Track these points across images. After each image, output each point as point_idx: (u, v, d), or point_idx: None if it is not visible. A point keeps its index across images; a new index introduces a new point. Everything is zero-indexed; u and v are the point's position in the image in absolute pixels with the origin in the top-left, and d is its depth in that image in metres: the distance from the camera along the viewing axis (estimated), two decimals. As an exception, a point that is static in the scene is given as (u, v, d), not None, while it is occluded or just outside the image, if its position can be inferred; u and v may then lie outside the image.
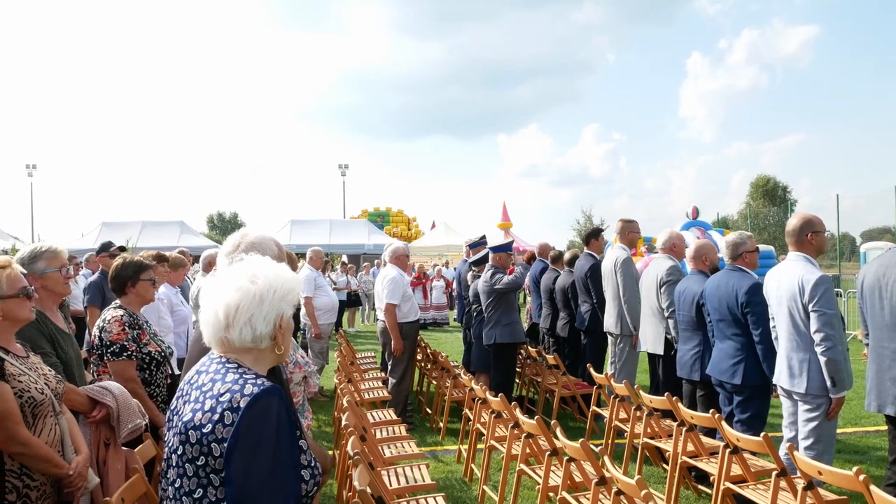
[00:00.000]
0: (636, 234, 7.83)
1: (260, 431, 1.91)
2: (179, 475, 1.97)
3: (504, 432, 5.50)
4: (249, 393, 1.93)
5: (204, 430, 1.92)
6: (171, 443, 2.02)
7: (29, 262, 3.68)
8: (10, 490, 2.89)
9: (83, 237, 26.12)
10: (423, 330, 15.87)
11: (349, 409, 5.23)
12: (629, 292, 7.22)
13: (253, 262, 2.14)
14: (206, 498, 1.93)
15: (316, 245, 11.34)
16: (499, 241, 9.50)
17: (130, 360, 4.15)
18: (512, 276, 7.84)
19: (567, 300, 8.70)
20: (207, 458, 1.92)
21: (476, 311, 8.52)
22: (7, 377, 2.90)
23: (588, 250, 8.31)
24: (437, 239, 29.68)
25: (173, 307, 6.40)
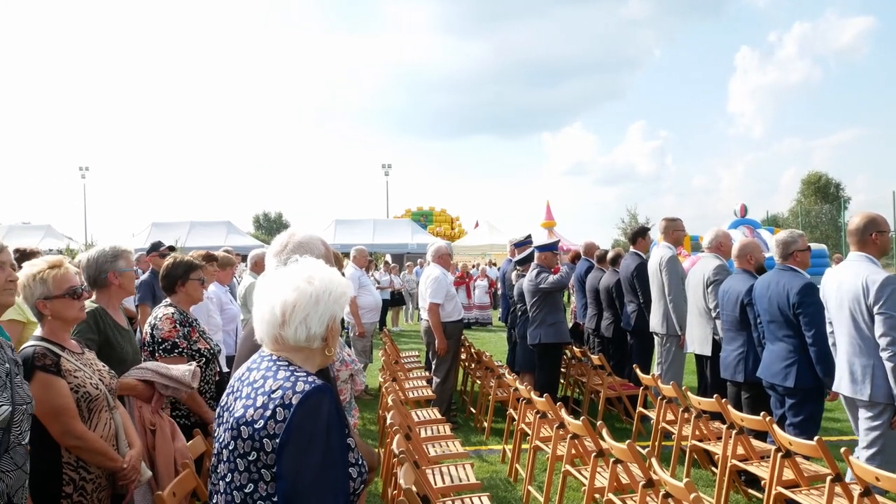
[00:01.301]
0: (681, 232, 7.71)
1: (311, 428, 1.94)
2: (230, 470, 2.00)
3: (549, 433, 5.47)
4: (301, 390, 1.96)
5: (256, 426, 1.95)
6: (222, 438, 2.05)
7: (112, 259, 3.79)
8: (67, 482, 2.97)
9: (134, 237, 26.71)
10: (467, 329, 15.85)
11: (394, 407, 5.25)
12: (675, 292, 7.12)
13: (308, 263, 2.18)
14: (256, 493, 1.96)
15: (360, 244, 11.41)
16: (544, 241, 9.45)
17: (181, 357, 4.23)
18: (557, 276, 7.79)
19: (612, 300, 8.61)
20: (259, 454, 1.95)
21: (521, 311, 8.48)
22: (63, 373, 2.98)
23: (634, 249, 8.22)
24: (481, 238, 29.65)
25: (222, 306, 6.49)
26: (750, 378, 5.50)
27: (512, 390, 6.73)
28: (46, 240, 27.30)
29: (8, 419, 2.55)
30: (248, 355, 2.41)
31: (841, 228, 26.94)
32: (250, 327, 2.72)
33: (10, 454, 2.58)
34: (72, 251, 20.92)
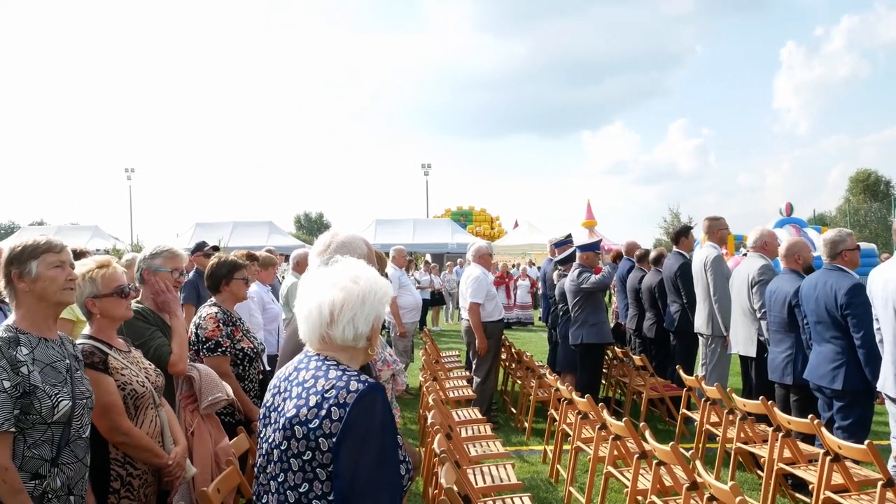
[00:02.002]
0: (725, 231, 7.61)
1: (367, 427, 1.96)
2: (283, 470, 2.02)
3: (591, 434, 5.43)
4: (355, 389, 1.99)
5: (311, 426, 1.97)
6: (272, 439, 2.07)
7: (149, 257, 3.87)
8: (114, 478, 3.03)
9: (178, 237, 27.10)
10: (508, 329, 15.82)
11: (435, 407, 5.26)
12: (720, 292, 7.01)
13: (351, 263, 2.20)
14: (311, 492, 1.98)
15: (400, 244, 11.45)
16: (584, 240, 9.39)
17: (225, 356, 4.28)
18: (599, 276, 7.73)
19: (654, 300, 8.52)
20: (314, 453, 1.97)
21: (562, 311, 8.44)
22: (111, 371, 3.05)
23: (677, 249, 8.11)
24: (521, 238, 29.53)
25: (264, 305, 6.56)
26: (798, 380, 5.40)
27: (553, 390, 6.70)
28: (94, 240, 27.93)
29: (68, 413, 2.62)
30: (292, 353, 2.43)
31: (891, 227, 26.29)
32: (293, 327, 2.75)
33: (70, 447, 2.66)
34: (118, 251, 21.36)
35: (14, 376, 2.49)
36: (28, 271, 2.66)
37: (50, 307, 2.72)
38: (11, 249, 2.72)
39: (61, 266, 2.71)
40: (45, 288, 2.68)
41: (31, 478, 2.54)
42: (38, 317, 2.70)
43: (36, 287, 2.67)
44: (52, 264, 2.69)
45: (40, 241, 2.74)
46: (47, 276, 2.67)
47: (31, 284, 2.67)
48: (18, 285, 2.68)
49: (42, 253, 2.69)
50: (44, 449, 2.58)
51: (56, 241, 2.77)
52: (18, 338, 2.60)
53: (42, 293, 2.68)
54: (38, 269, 2.67)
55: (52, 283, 2.68)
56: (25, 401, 2.51)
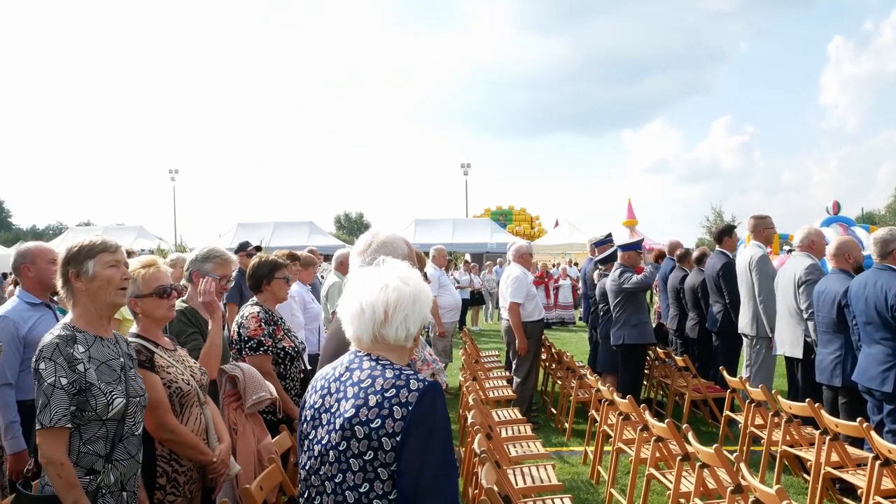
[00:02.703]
0: (771, 230, 7.46)
1: (430, 425, 1.98)
2: (342, 470, 2.03)
3: (632, 435, 5.37)
4: (416, 388, 2.01)
5: (372, 426, 1.98)
6: (327, 439, 2.07)
7: (201, 259, 3.92)
8: (160, 474, 3.09)
9: (220, 237, 27.46)
10: (548, 329, 15.74)
11: (475, 407, 5.25)
12: (765, 292, 6.88)
13: (397, 264, 2.22)
14: (372, 492, 1.99)
15: (439, 244, 11.47)
16: (625, 240, 9.30)
17: (267, 355, 4.33)
18: (641, 276, 7.65)
19: (697, 300, 8.40)
20: (377, 453, 1.98)
21: (603, 311, 8.37)
22: (157, 369, 3.10)
23: (720, 248, 7.98)
24: (560, 237, 29.36)
25: (305, 304, 6.62)
26: (847, 382, 5.28)
27: (594, 391, 6.65)
28: (139, 240, 28.45)
29: (122, 410, 2.67)
30: (334, 354, 2.45)
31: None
32: (336, 326, 2.77)
33: (123, 444, 2.71)
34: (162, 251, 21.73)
35: (71, 373, 2.56)
36: (85, 271, 2.72)
37: (104, 307, 2.77)
38: (69, 249, 2.78)
39: (116, 266, 2.76)
40: (101, 287, 2.73)
41: (86, 473, 2.61)
42: (93, 316, 2.76)
43: (92, 286, 2.73)
44: (107, 264, 2.74)
45: (96, 241, 2.79)
46: (103, 276, 2.73)
47: (88, 284, 2.73)
48: (76, 284, 2.74)
49: (98, 252, 2.75)
50: (98, 445, 2.64)
51: (111, 242, 2.82)
52: (75, 336, 2.66)
53: (97, 292, 2.73)
54: (94, 268, 2.72)
55: (109, 282, 2.74)
56: (81, 398, 2.58)
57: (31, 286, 4.04)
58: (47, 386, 2.53)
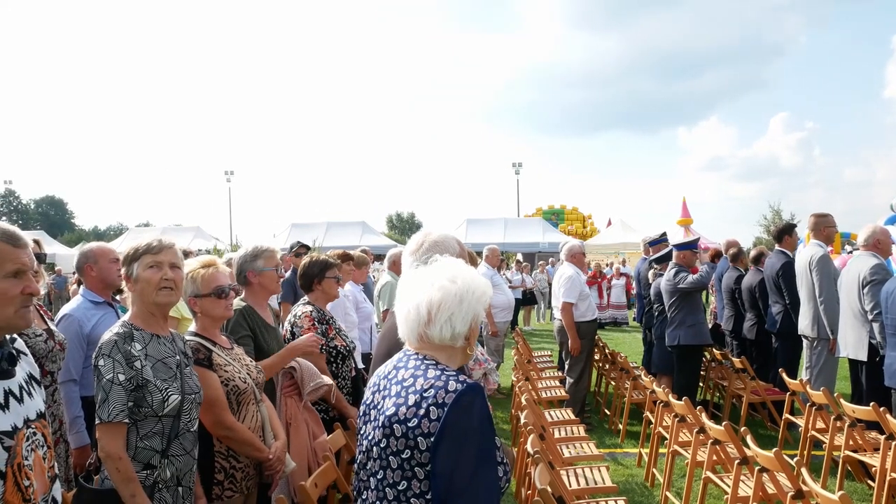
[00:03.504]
0: (832, 228, 7.25)
1: (466, 427, 1.96)
2: (382, 467, 2.04)
3: (688, 437, 5.28)
4: (454, 389, 1.99)
5: (409, 425, 1.98)
6: (371, 435, 2.09)
7: (251, 259, 3.98)
8: (218, 470, 3.14)
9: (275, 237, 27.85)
10: (601, 329, 15.58)
11: (528, 407, 5.22)
12: (826, 292, 6.68)
13: (449, 262, 2.20)
14: (410, 490, 1.99)
15: (491, 243, 11.45)
16: (680, 239, 9.15)
17: (320, 354, 4.37)
18: (697, 276, 7.52)
19: (754, 300, 8.21)
20: (413, 452, 1.98)
21: (657, 311, 8.25)
22: (214, 367, 3.16)
23: (780, 247, 7.79)
24: (613, 237, 29.07)
25: (357, 304, 6.67)
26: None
27: (648, 392, 6.55)
28: (196, 240, 29.07)
29: (178, 407, 2.73)
30: (385, 352, 2.46)
31: None
32: (387, 325, 2.78)
33: (179, 440, 2.77)
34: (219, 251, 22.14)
35: (128, 370, 2.63)
36: (131, 273, 2.81)
37: (151, 306, 2.83)
38: (124, 253, 2.88)
39: (157, 267, 2.81)
40: (143, 289, 2.80)
41: (143, 468, 2.67)
42: (146, 314, 2.83)
43: (137, 288, 2.81)
44: (147, 265, 2.80)
45: (142, 244, 2.86)
46: (143, 278, 2.80)
47: (135, 286, 2.81)
48: (128, 286, 2.84)
49: (141, 255, 2.82)
50: (155, 441, 2.70)
51: (156, 243, 2.87)
52: (133, 333, 2.74)
53: (141, 294, 2.81)
54: (137, 270, 2.80)
55: (148, 284, 2.79)
56: (138, 394, 2.65)
57: (94, 285, 4.15)
58: (106, 382, 2.60)
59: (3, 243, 1.89)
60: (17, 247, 1.91)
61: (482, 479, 1.97)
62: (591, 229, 39.78)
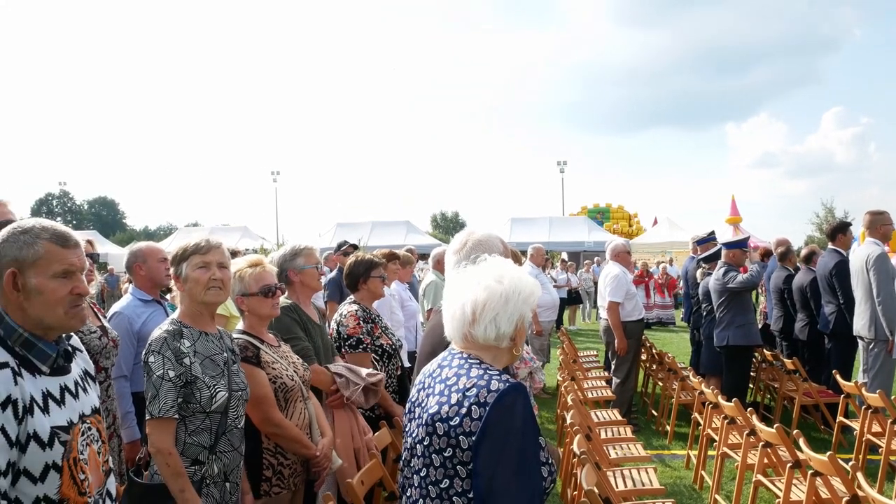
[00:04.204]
0: (889, 226, 7.03)
1: (507, 427, 1.95)
2: (426, 465, 2.04)
3: (738, 440, 5.18)
4: (496, 389, 1.97)
5: (451, 423, 1.98)
6: (415, 433, 2.10)
7: (290, 258, 4.01)
8: (266, 466, 3.18)
9: (320, 237, 28.12)
10: (647, 329, 15.39)
11: (574, 407, 5.18)
12: (884, 292, 6.49)
13: (497, 262, 2.19)
14: (452, 488, 1.99)
15: (536, 243, 11.39)
16: (729, 237, 8.99)
17: (366, 353, 4.39)
18: (748, 275, 7.37)
19: (805, 300, 8.02)
20: (455, 450, 1.98)
21: (706, 311, 8.11)
22: (263, 364, 3.19)
23: (833, 246, 7.59)
24: (660, 235, 28.75)
25: (403, 302, 6.70)
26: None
27: (697, 393, 6.45)
28: (243, 240, 29.49)
29: (225, 404, 2.77)
30: (430, 350, 2.46)
31: None
32: (432, 324, 2.78)
33: (227, 436, 2.81)
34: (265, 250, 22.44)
35: (178, 366, 2.68)
36: (180, 272, 2.86)
37: (200, 305, 2.88)
38: (173, 253, 2.93)
39: (205, 267, 2.85)
40: (192, 288, 2.85)
41: (192, 463, 2.71)
42: (195, 312, 2.88)
43: (186, 287, 2.86)
44: (196, 265, 2.85)
45: (190, 244, 2.91)
46: (192, 278, 2.85)
47: (183, 285, 2.86)
48: (177, 285, 2.90)
49: (190, 255, 2.87)
50: (203, 437, 2.74)
51: (204, 243, 2.91)
52: (182, 331, 2.79)
53: (190, 293, 2.86)
54: (186, 270, 2.85)
55: (196, 283, 2.84)
56: (187, 390, 2.70)
57: (143, 284, 4.23)
58: (156, 378, 2.65)
59: (52, 244, 1.92)
60: (66, 247, 1.94)
61: (524, 479, 1.96)
62: (637, 228, 39.35)
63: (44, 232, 1.93)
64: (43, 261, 1.90)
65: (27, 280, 1.88)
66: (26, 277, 1.88)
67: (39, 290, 1.89)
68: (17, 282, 1.88)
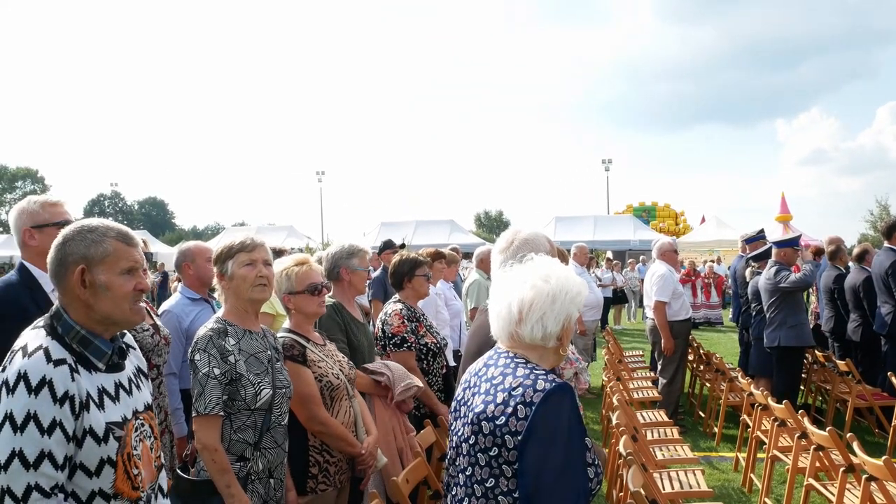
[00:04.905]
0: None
1: (553, 427, 1.94)
2: (471, 464, 2.05)
3: (789, 442, 5.09)
4: (542, 388, 1.97)
5: (497, 422, 1.98)
6: (461, 432, 2.11)
7: (347, 256, 4.05)
8: (312, 464, 3.22)
9: (364, 236, 28.27)
10: (695, 329, 15.16)
11: (619, 407, 5.13)
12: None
13: (544, 261, 2.18)
14: (497, 487, 1.99)
15: (580, 241, 11.31)
16: (779, 236, 8.82)
17: (410, 351, 4.41)
18: (801, 274, 7.22)
19: (858, 300, 7.81)
20: (500, 450, 1.98)
21: (755, 311, 7.96)
22: (309, 363, 3.23)
23: (889, 244, 7.38)
24: (707, 234, 28.23)
25: (447, 301, 6.70)
26: None
27: (746, 395, 6.34)
28: (289, 239, 29.77)
29: (269, 401, 2.81)
30: (475, 349, 2.46)
31: None
32: (478, 323, 2.78)
33: (271, 433, 2.86)
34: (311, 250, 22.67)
35: (223, 364, 2.72)
36: (225, 270, 2.90)
37: (246, 302, 2.92)
38: (216, 252, 2.98)
39: (252, 265, 2.90)
40: (238, 286, 2.90)
41: (237, 460, 2.76)
42: (240, 311, 2.93)
43: (232, 285, 2.90)
44: (243, 263, 2.90)
45: (235, 242, 2.95)
46: (239, 275, 2.89)
47: (229, 283, 2.91)
48: (221, 283, 2.94)
49: (236, 253, 2.91)
50: (248, 433, 2.79)
51: (249, 241, 2.96)
52: (227, 329, 2.83)
53: (236, 290, 2.90)
54: (232, 268, 2.89)
55: (243, 281, 2.89)
56: (232, 387, 2.74)
57: (192, 282, 4.31)
58: (202, 376, 2.70)
59: (119, 242, 1.99)
60: (130, 245, 2.02)
61: (569, 479, 1.95)
62: (684, 226, 38.83)
63: (110, 231, 2.00)
64: (111, 258, 1.96)
65: (95, 277, 1.95)
66: (95, 274, 1.95)
67: (108, 287, 1.95)
68: (85, 278, 1.94)
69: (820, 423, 7.03)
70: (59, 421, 1.80)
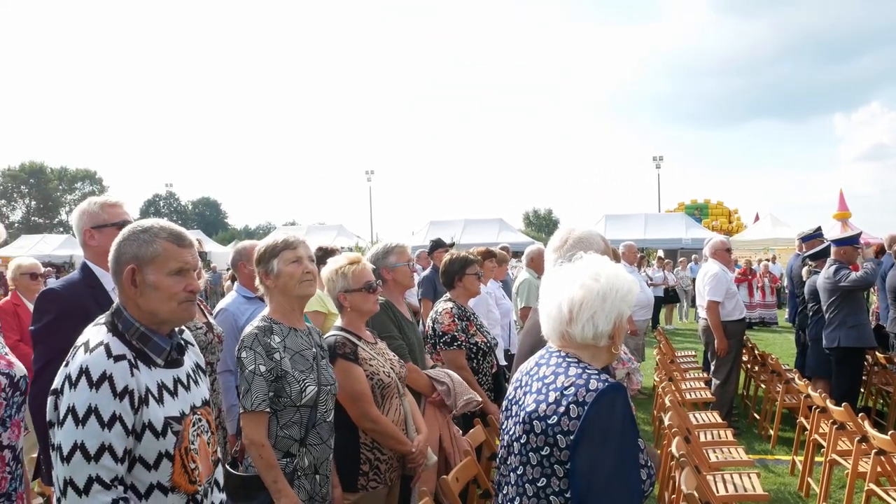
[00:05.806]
0: None
1: (606, 427, 1.93)
2: (522, 463, 2.04)
3: (848, 446, 4.95)
4: (595, 388, 1.96)
5: (549, 422, 1.97)
6: (512, 431, 2.10)
7: (382, 256, 4.08)
8: (363, 461, 3.25)
9: (413, 235, 28.39)
10: (749, 329, 14.86)
11: (672, 408, 5.06)
12: None
13: (594, 260, 2.16)
14: (549, 487, 1.98)
15: (630, 240, 11.18)
16: (837, 234, 8.59)
17: (460, 350, 4.41)
18: (862, 273, 7.01)
19: (923, 299, 7.57)
20: (552, 449, 1.97)
21: (812, 310, 7.77)
22: (360, 361, 3.26)
23: (953, 243, 7.16)
24: (762, 232, 27.66)
25: (497, 300, 6.70)
26: None
27: (803, 397, 6.20)
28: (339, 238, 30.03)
29: (314, 398, 2.85)
30: (528, 348, 2.44)
31: None
32: (530, 322, 2.76)
33: (316, 429, 2.89)
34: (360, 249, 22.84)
35: (269, 361, 2.77)
36: (271, 269, 2.95)
37: (293, 300, 2.97)
38: (259, 251, 3.03)
39: (298, 261, 2.95)
40: (286, 283, 2.94)
41: (283, 456, 2.81)
42: (286, 309, 2.97)
43: (279, 283, 2.95)
44: (289, 261, 2.94)
45: (279, 241, 3.01)
46: (286, 272, 2.93)
47: (275, 281, 2.95)
48: (266, 282, 2.98)
49: (280, 251, 2.96)
50: (294, 430, 2.83)
51: (292, 239, 3.02)
52: (272, 327, 2.88)
53: (284, 288, 2.95)
54: (278, 266, 2.94)
55: (291, 278, 2.93)
56: (278, 384, 2.79)
57: (247, 281, 4.37)
58: (248, 373, 2.75)
59: (169, 243, 2.03)
60: (181, 246, 2.05)
61: (622, 480, 1.93)
62: (738, 224, 38.14)
63: (162, 231, 2.04)
64: (160, 258, 2.01)
65: (145, 276, 1.99)
66: (144, 274, 1.99)
67: (155, 287, 1.99)
68: (135, 278, 1.99)
69: (881, 426, 6.83)
70: (118, 415, 1.85)
